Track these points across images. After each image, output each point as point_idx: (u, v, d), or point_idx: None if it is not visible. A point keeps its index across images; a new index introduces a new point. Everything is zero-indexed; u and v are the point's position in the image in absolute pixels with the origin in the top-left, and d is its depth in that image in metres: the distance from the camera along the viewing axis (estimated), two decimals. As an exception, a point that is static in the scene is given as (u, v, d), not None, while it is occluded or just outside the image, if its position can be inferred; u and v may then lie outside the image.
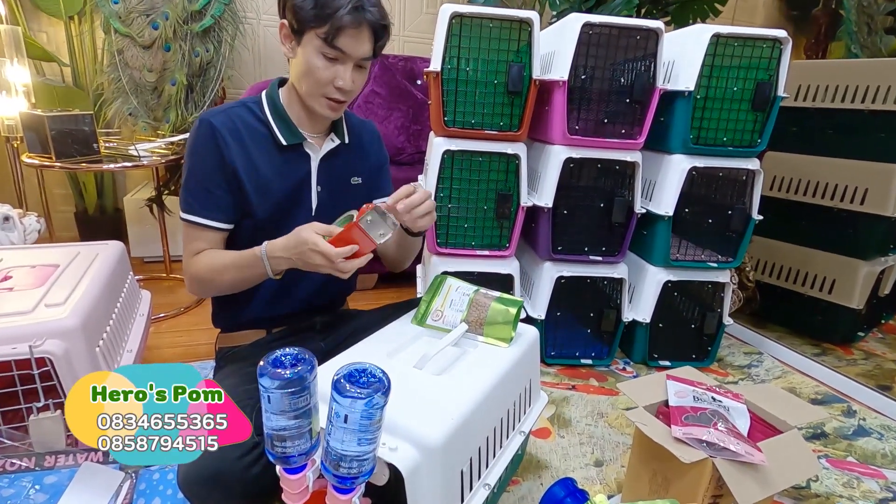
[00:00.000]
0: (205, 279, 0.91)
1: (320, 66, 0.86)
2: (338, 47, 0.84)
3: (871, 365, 1.69)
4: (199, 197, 0.90)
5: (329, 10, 0.82)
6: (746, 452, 0.77)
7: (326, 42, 0.83)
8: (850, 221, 1.71)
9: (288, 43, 0.89)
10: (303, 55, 0.86)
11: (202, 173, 0.89)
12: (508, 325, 0.89)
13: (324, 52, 0.85)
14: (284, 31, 0.88)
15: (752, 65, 1.36)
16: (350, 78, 0.88)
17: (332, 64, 0.86)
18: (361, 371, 0.57)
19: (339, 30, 0.82)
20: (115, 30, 1.70)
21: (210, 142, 0.88)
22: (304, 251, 0.81)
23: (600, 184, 1.46)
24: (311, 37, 0.85)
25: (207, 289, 0.95)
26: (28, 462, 0.80)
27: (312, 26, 0.84)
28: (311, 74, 0.87)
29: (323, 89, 0.88)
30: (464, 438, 0.71)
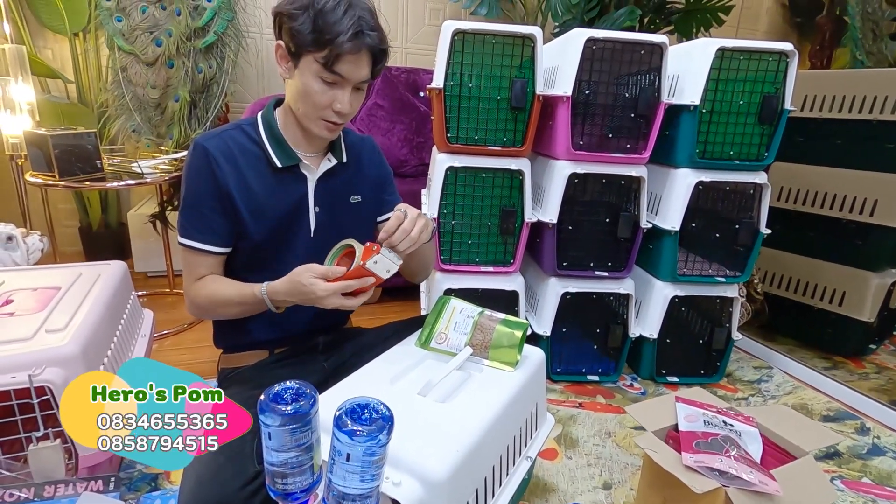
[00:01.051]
0: (205, 308, 0.92)
1: (318, 90, 0.85)
2: (337, 72, 0.83)
3: (884, 379, 1.66)
4: (195, 221, 0.89)
5: (329, 35, 0.80)
6: (760, 482, 0.75)
7: (325, 67, 0.82)
8: (860, 233, 1.68)
9: (284, 64, 0.87)
10: (300, 78, 0.85)
11: (197, 197, 0.88)
12: (514, 349, 0.87)
13: (322, 76, 0.84)
14: (281, 52, 0.87)
15: (759, 78, 1.35)
16: (348, 102, 0.87)
17: (330, 88, 0.85)
18: (363, 406, 0.56)
19: (338, 56, 0.81)
20: (119, 47, 1.71)
21: (204, 166, 0.87)
22: (305, 294, 0.82)
23: (605, 199, 1.45)
24: (308, 60, 0.83)
25: (208, 315, 0.96)
26: (27, 492, 0.79)
27: (311, 50, 0.82)
28: (309, 98, 0.86)
29: (321, 112, 0.87)
30: (469, 470, 0.69)
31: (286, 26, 0.84)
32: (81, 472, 0.86)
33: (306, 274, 0.81)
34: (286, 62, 0.87)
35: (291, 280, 0.83)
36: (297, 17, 0.82)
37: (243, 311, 0.91)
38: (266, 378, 0.91)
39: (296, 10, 0.82)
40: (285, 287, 0.84)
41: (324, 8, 0.81)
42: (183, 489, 0.72)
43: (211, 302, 0.90)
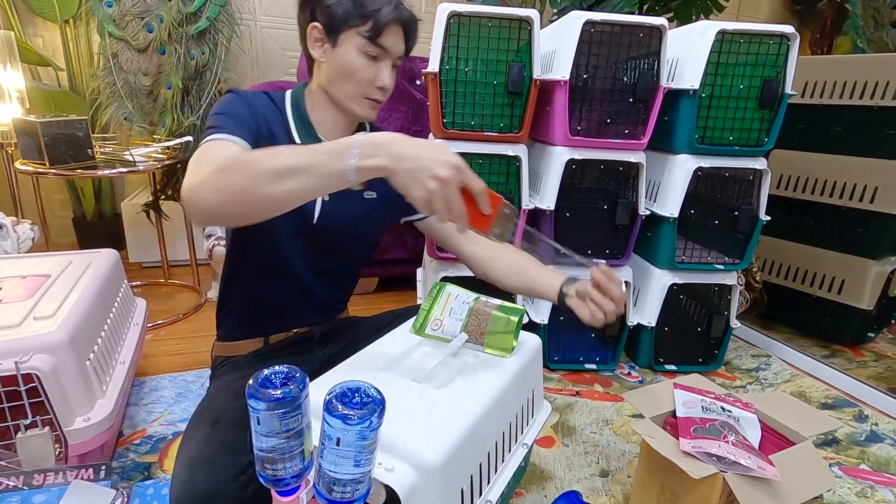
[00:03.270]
0: (231, 167, 0.63)
1: (362, 66, 0.83)
2: (381, 45, 0.83)
3: (882, 367, 1.65)
4: (229, 125, 0.79)
5: (373, 6, 0.80)
6: (758, 467, 0.74)
7: (370, 40, 0.82)
8: (860, 220, 1.67)
9: (319, 46, 0.86)
10: (341, 56, 0.84)
11: (234, 112, 0.81)
12: (510, 335, 0.86)
13: (366, 50, 0.83)
14: (315, 34, 0.85)
15: (759, 62, 1.33)
16: (390, 76, 0.86)
17: (373, 63, 0.84)
18: (354, 390, 0.54)
19: (383, 27, 0.81)
20: (110, 33, 1.68)
21: (242, 101, 0.84)
22: (429, 149, 0.61)
23: (603, 185, 1.43)
24: (350, 35, 0.82)
25: (228, 183, 0.62)
26: (16, 481, 0.78)
27: (354, 24, 0.82)
28: (353, 75, 0.84)
29: (365, 90, 0.86)
30: (464, 456, 0.68)
31: (322, 5, 0.83)
32: (72, 460, 0.85)
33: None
34: (322, 44, 0.85)
35: (411, 143, 0.62)
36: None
37: (296, 166, 0.61)
38: (260, 367, 0.90)
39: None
40: (398, 143, 0.61)
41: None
42: (174, 479, 0.70)
43: (246, 155, 0.64)
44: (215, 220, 0.68)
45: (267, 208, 0.63)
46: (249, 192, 0.61)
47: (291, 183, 0.61)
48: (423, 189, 0.60)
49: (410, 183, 0.60)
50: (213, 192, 0.62)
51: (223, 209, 0.63)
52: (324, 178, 0.61)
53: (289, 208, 0.64)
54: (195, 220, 0.68)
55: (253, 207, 0.63)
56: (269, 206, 0.63)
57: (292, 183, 0.61)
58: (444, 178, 0.59)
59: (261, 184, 0.60)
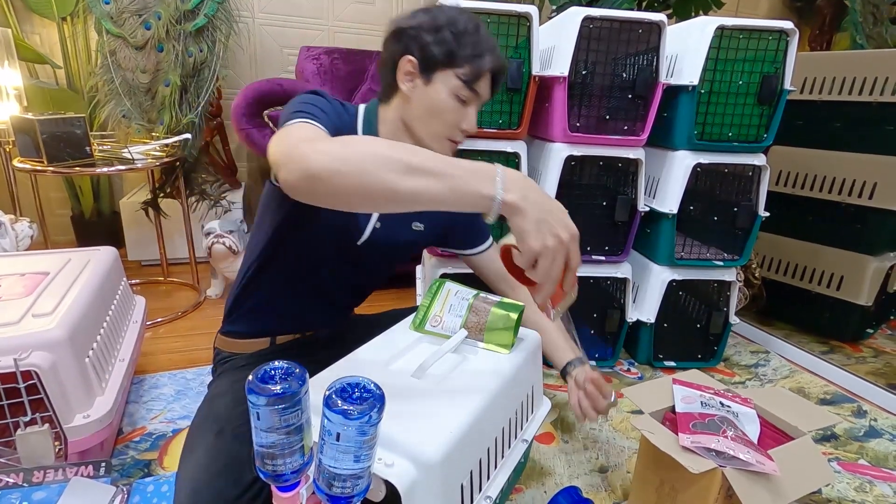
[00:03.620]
0: (361, 143, 0.62)
1: (453, 108, 0.84)
2: (475, 90, 0.84)
3: (881, 363, 1.66)
4: (322, 117, 0.75)
5: (476, 52, 0.82)
6: (757, 462, 0.74)
7: (466, 84, 0.83)
8: (859, 216, 1.67)
9: (410, 80, 0.85)
10: (433, 94, 0.84)
11: (324, 108, 0.79)
12: (509, 331, 0.86)
13: (459, 93, 0.84)
14: (408, 67, 0.84)
15: (758, 57, 1.33)
16: (475, 121, 0.88)
17: (461, 106, 0.85)
18: (354, 385, 0.54)
19: (481, 73, 0.83)
20: (107, 31, 1.67)
21: (327, 101, 0.83)
22: (557, 210, 0.61)
23: (603, 182, 1.43)
24: (446, 76, 0.83)
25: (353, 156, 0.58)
26: (16, 478, 0.78)
27: (453, 66, 0.83)
28: (440, 115, 0.85)
29: (450, 131, 0.87)
30: (463, 451, 0.68)
31: (422, 41, 0.83)
32: (71, 457, 0.85)
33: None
34: (413, 77, 0.85)
35: (544, 195, 0.61)
36: (438, 32, 0.82)
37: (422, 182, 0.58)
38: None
39: (434, 25, 0.82)
40: (534, 189, 0.60)
41: (466, 28, 0.82)
42: (179, 492, 0.70)
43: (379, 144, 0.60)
44: (310, 187, 0.59)
45: (380, 198, 0.59)
46: (372, 173, 0.57)
47: (421, 182, 0.58)
48: (541, 242, 0.59)
49: (532, 232, 0.59)
50: (331, 158, 0.57)
51: (330, 179, 0.57)
52: (457, 194, 0.58)
53: (402, 209, 0.61)
54: (290, 179, 0.59)
55: (366, 190, 0.58)
56: (384, 196, 0.58)
57: (422, 183, 0.58)
58: (563, 240, 0.59)
59: (388, 171, 0.57)
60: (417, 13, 0.85)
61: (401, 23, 0.85)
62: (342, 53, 2.25)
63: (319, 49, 2.22)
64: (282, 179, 0.61)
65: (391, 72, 0.86)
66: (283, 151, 0.62)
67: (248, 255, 0.94)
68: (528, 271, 0.63)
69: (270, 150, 0.65)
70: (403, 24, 0.84)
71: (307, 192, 0.60)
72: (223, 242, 1.70)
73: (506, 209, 0.59)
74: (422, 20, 0.83)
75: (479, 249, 1.08)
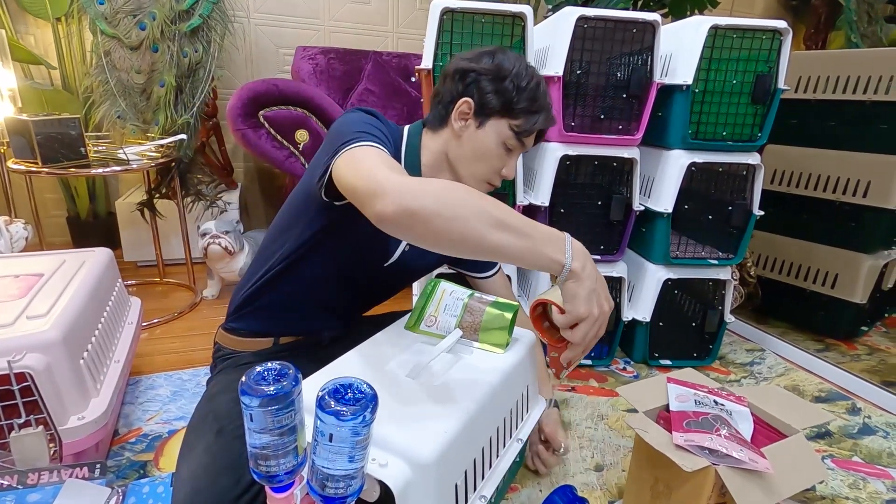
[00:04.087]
0: (459, 190, 0.64)
1: (498, 155, 0.88)
2: (523, 142, 0.88)
3: (876, 360, 1.67)
4: (383, 142, 0.77)
5: (533, 108, 0.85)
6: (750, 459, 0.75)
7: (517, 136, 0.86)
8: (853, 215, 1.68)
9: (463, 121, 0.88)
10: (483, 138, 0.87)
11: (381, 129, 0.80)
12: (504, 331, 0.87)
13: (508, 142, 0.87)
14: (464, 109, 0.87)
15: (752, 57, 1.33)
16: (514, 169, 0.92)
17: (506, 153, 0.88)
18: (347, 386, 0.54)
19: (532, 129, 0.86)
20: (102, 31, 1.66)
21: (381, 119, 0.85)
22: (604, 283, 0.69)
23: (598, 181, 1.43)
24: (499, 124, 0.86)
25: (451, 202, 0.61)
26: (10, 480, 0.78)
27: (508, 116, 0.85)
28: (486, 160, 0.88)
29: (490, 176, 0.90)
30: (458, 451, 0.68)
31: (482, 87, 0.85)
32: (66, 459, 0.85)
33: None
34: (466, 119, 0.87)
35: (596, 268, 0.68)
36: (501, 82, 0.84)
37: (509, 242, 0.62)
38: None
39: (498, 75, 0.84)
40: (590, 261, 0.67)
41: (529, 84, 0.85)
42: (177, 492, 0.70)
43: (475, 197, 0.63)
44: (408, 223, 0.61)
45: (469, 246, 0.62)
46: (464, 220, 0.61)
47: (506, 238, 0.62)
48: (588, 310, 0.65)
49: (584, 298, 0.65)
50: (433, 200, 0.60)
51: (430, 220, 0.60)
52: (534, 254, 0.64)
53: (481, 258, 0.65)
54: (387, 211, 0.61)
55: (458, 236, 0.61)
56: (472, 245, 0.62)
57: (507, 238, 0.62)
58: (605, 313, 0.67)
59: (480, 221, 0.61)
60: (482, 56, 0.87)
61: (464, 63, 0.87)
62: (338, 53, 2.25)
63: (315, 49, 2.22)
64: (377, 210, 0.62)
65: (446, 107, 0.89)
66: (374, 180, 0.64)
67: (264, 256, 0.94)
68: (563, 331, 0.68)
69: (348, 173, 0.68)
70: (467, 66, 0.87)
71: (402, 227, 0.62)
72: (219, 243, 1.69)
73: (569, 274, 0.65)
74: (486, 66, 0.86)
75: (489, 274, 1.15)
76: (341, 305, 1.00)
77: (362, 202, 0.65)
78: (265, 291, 0.93)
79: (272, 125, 1.78)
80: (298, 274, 0.91)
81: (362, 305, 1.07)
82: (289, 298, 0.93)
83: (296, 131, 1.80)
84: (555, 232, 0.67)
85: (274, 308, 0.94)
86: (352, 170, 0.68)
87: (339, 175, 0.70)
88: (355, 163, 0.69)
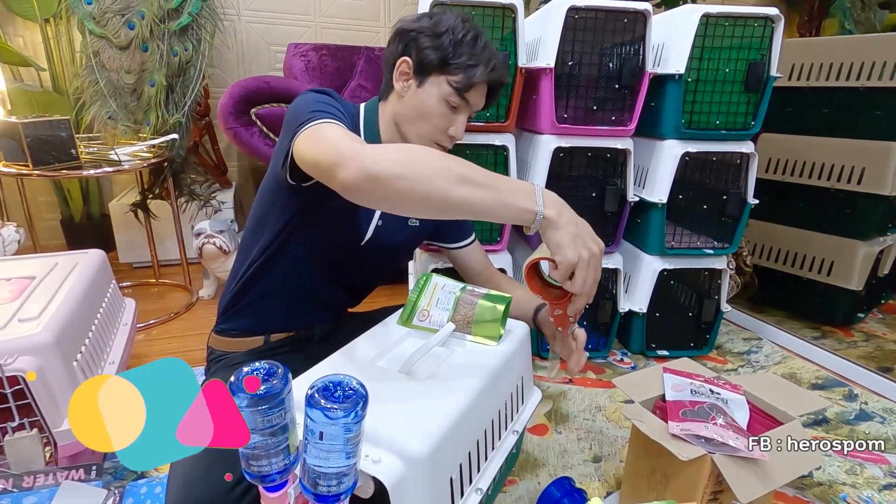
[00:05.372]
0: (417, 151, 0.65)
1: (441, 113, 0.86)
2: (466, 99, 0.85)
3: (872, 346, 1.67)
4: (344, 120, 0.75)
5: (470, 62, 0.83)
6: (746, 447, 0.75)
7: (458, 92, 0.84)
8: (848, 202, 1.68)
9: (404, 80, 0.87)
10: (424, 97, 0.85)
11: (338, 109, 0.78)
12: (497, 323, 0.86)
13: (449, 99, 0.85)
14: (403, 68, 0.86)
15: (744, 45, 1.33)
16: (463, 129, 0.88)
17: (451, 112, 0.86)
18: (336, 384, 0.54)
19: (473, 84, 0.84)
20: (90, 31, 1.65)
21: (336, 101, 0.82)
22: (586, 226, 0.67)
23: (592, 173, 1.43)
24: (438, 81, 0.84)
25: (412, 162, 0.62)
26: (5, 483, 0.78)
27: (446, 73, 0.84)
28: (428, 119, 0.86)
29: (436, 135, 0.88)
30: (452, 445, 0.68)
31: (420, 44, 0.84)
32: (62, 461, 0.85)
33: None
34: (407, 78, 0.86)
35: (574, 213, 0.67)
36: (437, 38, 0.83)
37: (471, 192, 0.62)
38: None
39: (435, 31, 0.83)
40: (566, 207, 0.66)
41: (465, 38, 0.83)
42: (170, 490, 0.70)
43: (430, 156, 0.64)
44: (370, 188, 0.61)
45: (434, 204, 0.63)
46: (429, 180, 0.61)
47: (471, 192, 0.62)
48: (576, 253, 0.64)
49: (569, 244, 0.64)
50: (392, 163, 0.61)
51: (390, 182, 0.60)
52: (502, 205, 0.63)
53: (448, 216, 0.65)
54: (349, 177, 0.61)
55: (421, 196, 0.61)
56: (437, 203, 0.62)
57: (472, 192, 0.62)
58: (595, 254, 0.66)
59: (443, 178, 0.61)
60: (423, 17, 0.87)
61: (404, 24, 0.87)
62: (330, 50, 2.23)
63: (307, 45, 2.21)
64: (340, 178, 0.62)
65: (390, 70, 0.88)
66: (335, 150, 0.64)
67: (244, 253, 0.94)
68: (564, 284, 0.67)
69: (309, 149, 0.68)
70: (406, 26, 0.86)
71: (366, 192, 0.62)
72: (213, 242, 1.69)
73: (544, 223, 0.64)
74: (424, 24, 0.85)
75: (465, 243, 1.12)
76: (327, 294, 0.98)
77: (326, 174, 0.65)
78: (250, 288, 0.93)
79: (264, 123, 1.77)
80: (279, 265, 0.91)
81: (350, 295, 1.05)
82: (273, 292, 0.93)
83: (288, 129, 1.79)
84: (524, 183, 0.66)
85: (260, 303, 0.94)
86: (312, 145, 0.68)
87: (300, 154, 0.70)
88: (314, 139, 0.68)
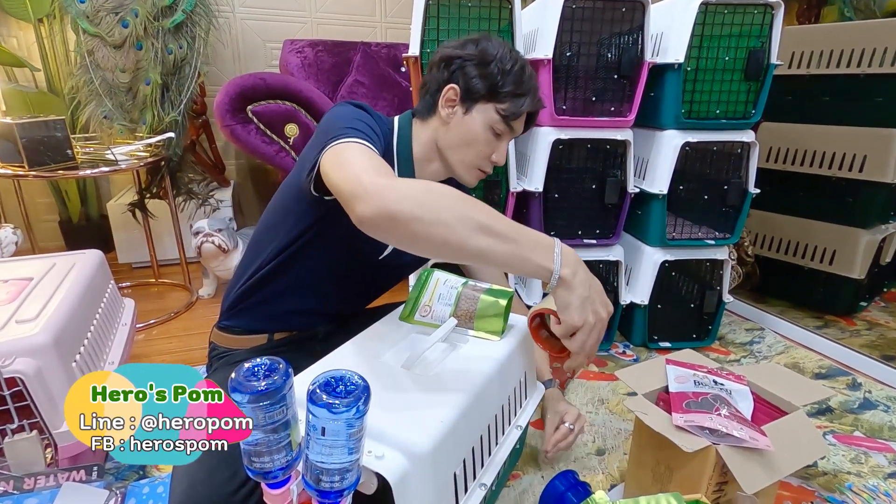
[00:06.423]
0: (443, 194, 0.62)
1: (487, 140, 0.87)
2: (511, 126, 0.86)
3: (875, 335, 1.66)
4: (376, 142, 0.75)
5: (519, 91, 0.84)
6: (751, 438, 0.74)
7: (505, 120, 0.85)
8: (850, 190, 1.67)
9: (450, 107, 0.87)
10: (470, 124, 0.86)
11: (370, 124, 0.79)
12: (499, 318, 0.86)
13: (495, 127, 0.86)
14: (450, 95, 0.86)
15: (744, 32, 1.31)
16: (505, 154, 0.90)
17: (495, 139, 0.87)
18: (339, 379, 0.53)
19: (519, 112, 0.85)
20: (84, 30, 1.63)
21: (370, 113, 0.84)
22: (599, 288, 0.67)
23: (591, 164, 1.42)
24: (486, 108, 0.85)
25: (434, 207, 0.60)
26: (6, 486, 0.77)
27: (494, 100, 0.85)
28: (474, 146, 0.87)
29: (480, 162, 0.89)
30: (455, 440, 0.67)
31: (467, 72, 0.85)
32: (63, 462, 0.84)
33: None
34: (453, 105, 0.87)
35: (589, 274, 0.67)
36: (485, 66, 0.84)
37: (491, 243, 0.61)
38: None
39: (482, 59, 0.84)
40: (582, 267, 0.66)
41: (513, 68, 0.84)
42: (174, 490, 0.70)
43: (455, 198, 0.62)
44: (388, 226, 0.61)
45: (450, 250, 0.61)
46: (448, 225, 0.60)
47: (490, 243, 0.61)
48: (582, 318, 0.65)
49: (577, 307, 0.64)
50: (413, 204, 0.59)
51: (409, 224, 0.59)
52: (519, 260, 0.63)
53: (464, 262, 0.71)
54: (367, 213, 0.61)
55: (439, 241, 0.60)
56: (454, 249, 0.61)
57: (491, 243, 0.61)
58: (602, 319, 0.66)
59: (463, 226, 0.60)
60: (467, 44, 0.87)
61: (449, 51, 0.87)
62: (326, 46, 2.22)
63: (303, 42, 2.19)
64: (357, 212, 0.62)
65: (433, 96, 0.89)
66: (356, 182, 0.63)
67: (255, 252, 0.93)
68: (564, 340, 0.68)
69: (333, 172, 0.67)
70: (452, 53, 0.87)
71: (381, 229, 0.62)
72: (212, 241, 1.68)
73: (559, 282, 0.64)
74: (470, 52, 0.86)
75: None
76: (337, 301, 0.98)
77: (345, 203, 0.65)
78: (258, 289, 0.92)
79: (261, 120, 1.76)
80: (292, 270, 0.90)
81: (359, 300, 1.06)
82: (283, 295, 0.92)
83: (285, 125, 1.78)
84: (544, 237, 0.65)
85: (268, 305, 0.93)
86: (337, 169, 0.67)
87: (325, 172, 0.70)
88: (340, 162, 0.68)
